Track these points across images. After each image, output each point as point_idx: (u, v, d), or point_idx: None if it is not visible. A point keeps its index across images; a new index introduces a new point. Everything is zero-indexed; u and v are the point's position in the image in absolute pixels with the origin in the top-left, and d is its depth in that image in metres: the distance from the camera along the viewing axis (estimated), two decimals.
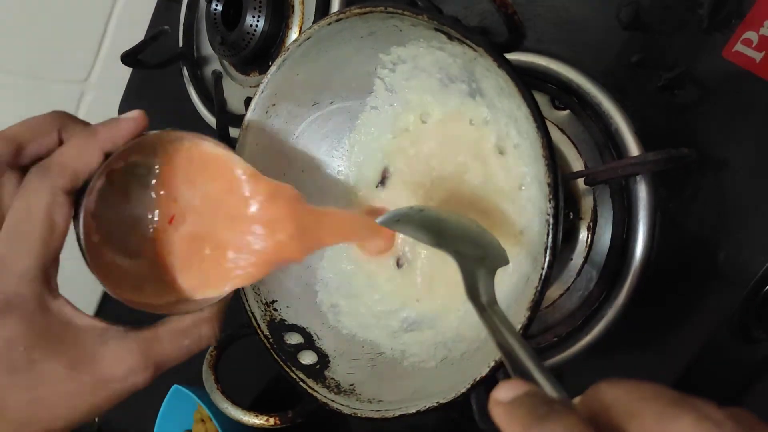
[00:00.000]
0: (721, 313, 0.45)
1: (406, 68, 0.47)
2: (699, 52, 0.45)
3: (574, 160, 0.50)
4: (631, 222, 0.46)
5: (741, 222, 0.44)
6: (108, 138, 0.35)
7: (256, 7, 0.67)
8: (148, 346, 0.35)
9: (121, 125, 0.36)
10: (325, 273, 0.51)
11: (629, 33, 0.49)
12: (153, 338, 0.35)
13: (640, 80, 0.48)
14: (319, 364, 0.46)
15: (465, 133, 0.46)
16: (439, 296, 0.48)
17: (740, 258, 0.44)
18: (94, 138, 0.35)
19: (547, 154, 0.34)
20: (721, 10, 0.44)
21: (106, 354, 0.34)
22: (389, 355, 0.47)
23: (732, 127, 0.44)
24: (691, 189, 0.46)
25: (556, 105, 0.51)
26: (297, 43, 0.44)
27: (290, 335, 0.47)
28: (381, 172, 0.51)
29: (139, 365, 0.34)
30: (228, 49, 0.70)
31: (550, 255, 0.34)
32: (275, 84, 0.46)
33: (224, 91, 0.74)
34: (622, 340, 0.48)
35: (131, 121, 0.36)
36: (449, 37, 0.39)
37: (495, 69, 0.36)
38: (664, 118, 0.47)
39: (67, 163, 0.34)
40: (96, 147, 0.35)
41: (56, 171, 0.34)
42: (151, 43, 0.77)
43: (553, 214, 0.34)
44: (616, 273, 0.47)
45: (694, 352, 0.46)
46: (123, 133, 0.36)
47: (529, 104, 0.34)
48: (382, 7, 0.39)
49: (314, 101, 0.49)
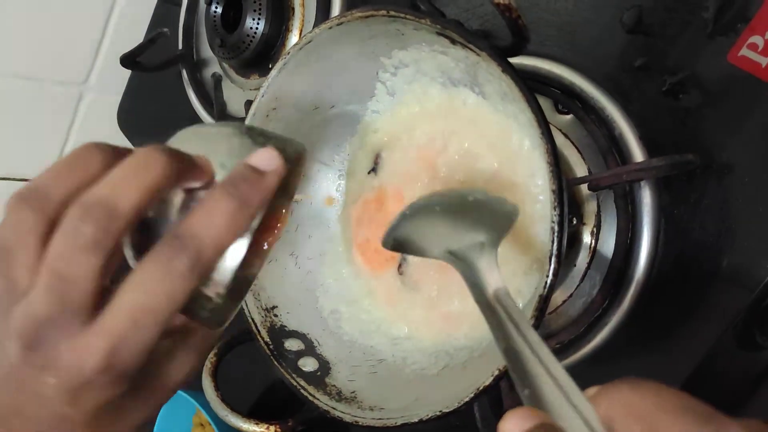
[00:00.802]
0: (726, 319, 0.44)
1: (408, 72, 0.46)
2: (703, 57, 0.45)
3: (577, 164, 0.50)
4: (635, 227, 0.46)
5: (745, 228, 0.44)
6: (258, 205, 0.30)
7: (256, 9, 0.67)
8: (203, 346, 0.35)
9: (269, 186, 0.30)
10: (325, 278, 0.51)
11: (633, 36, 0.49)
12: (206, 336, 0.35)
13: (643, 84, 0.48)
14: (320, 370, 0.46)
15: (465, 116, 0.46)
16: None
17: (745, 264, 0.44)
18: (244, 209, 0.29)
19: (551, 160, 0.34)
20: (726, 14, 0.44)
21: (173, 368, 0.33)
22: (390, 362, 0.47)
23: (737, 132, 0.44)
24: (695, 194, 0.45)
25: (559, 109, 0.51)
26: (298, 46, 0.44)
27: (291, 341, 0.47)
28: (373, 159, 0.51)
29: (197, 365, 0.34)
30: (228, 52, 0.69)
31: (555, 262, 0.33)
32: (276, 88, 0.46)
33: (224, 93, 0.74)
34: (626, 347, 0.47)
35: (276, 177, 0.31)
36: (452, 41, 0.38)
37: (498, 74, 0.36)
38: (668, 123, 0.46)
39: (214, 244, 0.28)
40: (247, 219, 0.29)
41: (207, 255, 0.28)
42: (150, 45, 0.77)
43: (558, 221, 0.33)
44: (619, 279, 0.47)
45: (698, 358, 0.45)
46: (270, 195, 0.30)
47: (533, 110, 0.34)
48: (384, 10, 0.38)
49: (315, 105, 0.49)
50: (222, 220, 0.29)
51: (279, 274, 0.50)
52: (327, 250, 0.52)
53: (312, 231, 0.52)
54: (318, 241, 0.52)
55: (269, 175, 0.30)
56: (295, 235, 0.51)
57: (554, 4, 0.52)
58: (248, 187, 0.30)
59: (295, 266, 0.51)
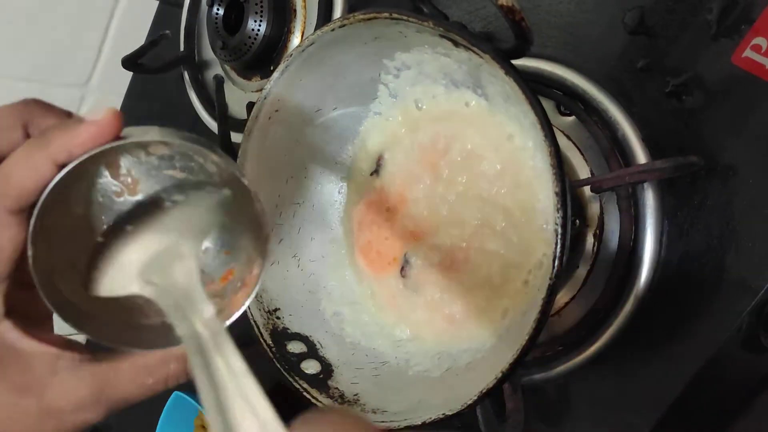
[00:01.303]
0: (730, 322, 0.44)
1: (410, 74, 0.46)
2: (707, 58, 0.45)
3: (580, 166, 0.49)
4: (638, 229, 0.46)
5: (749, 230, 0.44)
6: (62, 147, 0.30)
7: (258, 11, 0.67)
8: (103, 380, 0.32)
9: (80, 133, 0.30)
10: (328, 280, 0.51)
11: (635, 38, 0.48)
12: (110, 372, 0.32)
13: (646, 86, 0.48)
14: (322, 373, 0.46)
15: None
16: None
17: (749, 266, 0.43)
18: (45, 148, 0.30)
19: (554, 162, 0.33)
20: (730, 16, 0.44)
21: (55, 384, 0.31)
22: (393, 365, 0.47)
23: (740, 134, 0.44)
24: (698, 196, 0.45)
25: (561, 111, 0.51)
26: (300, 48, 0.44)
27: (293, 344, 0.47)
28: (375, 161, 0.51)
29: (90, 400, 0.31)
30: (229, 54, 0.69)
31: (558, 265, 0.33)
32: (278, 90, 0.46)
33: (226, 95, 0.74)
34: (629, 349, 0.47)
35: (93, 126, 0.30)
36: (455, 44, 0.38)
37: (502, 76, 0.36)
38: (671, 125, 0.46)
39: (13, 178, 0.29)
40: (47, 158, 0.29)
41: (11, 197, 0.29)
42: (151, 47, 0.77)
43: (561, 223, 0.33)
44: (623, 281, 0.46)
45: (702, 360, 0.45)
46: (80, 141, 0.30)
47: (536, 112, 0.34)
48: (386, 13, 0.38)
49: (317, 107, 0.49)
50: (16, 155, 0.30)
51: (281, 276, 0.50)
52: (329, 252, 0.52)
53: (314, 233, 0.52)
54: (320, 244, 0.52)
55: (86, 124, 0.30)
56: (297, 237, 0.51)
57: (557, 5, 0.52)
58: (57, 129, 0.30)
59: (298, 268, 0.51)
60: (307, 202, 0.52)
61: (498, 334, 0.43)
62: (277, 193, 0.50)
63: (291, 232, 0.51)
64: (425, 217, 0.48)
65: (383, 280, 0.50)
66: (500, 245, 0.44)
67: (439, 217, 0.47)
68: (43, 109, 0.33)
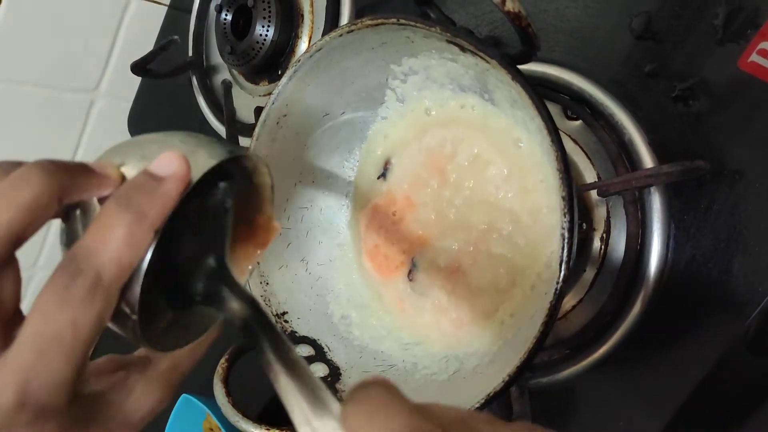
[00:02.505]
0: (736, 326, 0.44)
1: (417, 79, 0.47)
2: (713, 63, 0.45)
3: (586, 170, 0.50)
4: (644, 233, 0.46)
5: (756, 233, 0.44)
6: (160, 214, 0.28)
7: (266, 16, 0.67)
8: (171, 376, 0.33)
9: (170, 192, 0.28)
10: (335, 284, 0.51)
11: (642, 43, 0.49)
12: (173, 366, 0.33)
13: (653, 90, 0.48)
14: (330, 376, 0.46)
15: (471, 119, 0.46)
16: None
17: (756, 270, 0.43)
18: (144, 221, 0.27)
19: (561, 167, 0.34)
20: (736, 21, 0.44)
21: (133, 402, 0.32)
22: (401, 368, 0.47)
23: (747, 138, 0.44)
24: (705, 200, 0.45)
25: (568, 115, 0.51)
26: (308, 54, 0.44)
27: (301, 347, 0.47)
28: (382, 165, 0.51)
29: (167, 396, 0.33)
30: (237, 59, 0.70)
31: (564, 269, 0.33)
32: (286, 95, 0.46)
33: (234, 100, 0.75)
34: (636, 353, 0.47)
35: (179, 182, 0.28)
36: (462, 49, 0.39)
37: (508, 81, 0.36)
38: (678, 129, 0.46)
39: (118, 261, 0.26)
40: (149, 231, 0.27)
41: (109, 275, 0.26)
42: (160, 52, 0.77)
43: (568, 227, 0.33)
44: (629, 285, 0.46)
45: (709, 364, 0.45)
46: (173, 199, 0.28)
47: (543, 117, 0.34)
48: (394, 18, 0.39)
49: (325, 112, 0.49)
50: (117, 235, 0.26)
51: (290, 280, 0.50)
52: (337, 256, 0.52)
53: (322, 237, 0.52)
54: (328, 247, 0.52)
55: (168, 181, 0.28)
56: (305, 241, 0.52)
57: (563, 10, 0.52)
58: (143, 195, 0.28)
59: (306, 272, 0.51)
60: (315, 206, 0.52)
61: (505, 338, 0.44)
62: (285, 197, 0.50)
63: (299, 235, 0.51)
64: (432, 221, 0.48)
65: (390, 283, 0.50)
66: (507, 249, 0.45)
67: (446, 221, 0.48)
68: (69, 173, 0.28)
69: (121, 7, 0.87)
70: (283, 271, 0.50)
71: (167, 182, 0.28)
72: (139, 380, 0.32)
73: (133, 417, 0.32)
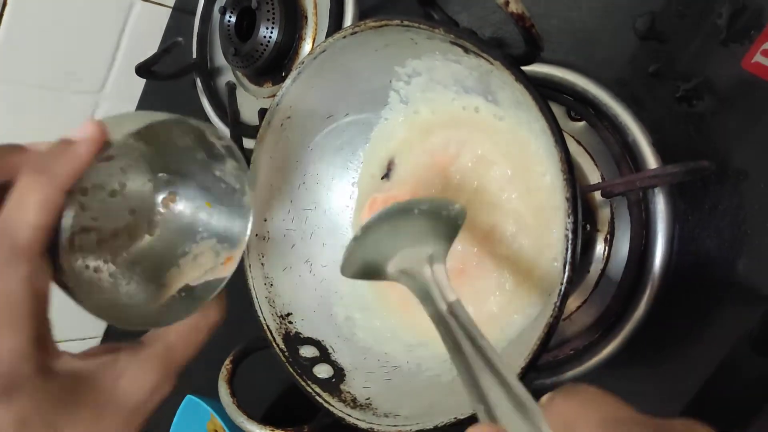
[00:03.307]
0: (741, 326, 0.44)
1: (421, 81, 0.47)
2: (717, 63, 0.45)
3: (590, 171, 0.50)
4: (649, 234, 0.46)
5: (761, 233, 0.44)
6: (70, 174, 0.30)
7: (270, 18, 0.67)
8: (165, 359, 0.34)
9: (80, 154, 0.30)
10: (339, 286, 0.51)
11: (645, 43, 0.49)
12: (168, 349, 0.34)
13: (657, 91, 0.48)
14: (334, 377, 0.46)
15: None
16: None
17: (760, 269, 0.43)
18: (54, 180, 0.29)
19: (565, 168, 0.34)
20: (739, 21, 0.44)
21: (125, 386, 0.32)
22: (405, 369, 0.47)
23: (751, 139, 0.44)
24: (709, 201, 0.45)
25: (572, 116, 0.51)
26: (312, 56, 0.44)
27: (306, 348, 0.47)
28: (386, 166, 0.51)
29: (162, 379, 0.33)
30: (241, 60, 0.70)
31: (569, 270, 0.33)
32: (290, 97, 0.46)
33: (238, 101, 0.75)
34: (640, 354, 0.47)
35: (91, 144, 0.30)
36: (465, 51, 0.39)
37: (512, 82, 0.36)
38: (682, 130, 0.46)
39: (31, 224, 0.28)
40: (58, 190, 0.29)
41: (23, 238, 0.28)
42: (164, 54, 0.78)
43: (573, 228, 0.33)
44: (634, 286, 0.46)
45: (713, 366, 0.45)
46: (83, 163, 0.30)
47: (547, 119, 0.34)
48: (398, 20, 0.39)
49: (329, 114, 0.49)
50: (29, 200, 0.28)
51: (294, 281, 0.50)
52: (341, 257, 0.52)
53: (326, 238, 0.52)
54: (332, 249, 0.52)
55: (79, 144, 0.30)
56: (309, 242, 0.52)
57: (567, 11, 0.52)
58: (53, 159, 0.29)
59: (310, 274, 0.51)
60: (319, 208, 0.52)
61: (509, 339, 0.44)
62: (289, 199, 0.50)
63: (303, 237, 0.51)
64: None
65: (395, 285, 0.50)
66: (511, 250, 0.45)
67: None
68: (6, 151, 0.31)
69: (126, 9, 0.88)
70: (287, 273, 0.50)
71: (79, 145, 0.30)
72: (130, 363, 0.33)
73: (126, 401, 0.32)
